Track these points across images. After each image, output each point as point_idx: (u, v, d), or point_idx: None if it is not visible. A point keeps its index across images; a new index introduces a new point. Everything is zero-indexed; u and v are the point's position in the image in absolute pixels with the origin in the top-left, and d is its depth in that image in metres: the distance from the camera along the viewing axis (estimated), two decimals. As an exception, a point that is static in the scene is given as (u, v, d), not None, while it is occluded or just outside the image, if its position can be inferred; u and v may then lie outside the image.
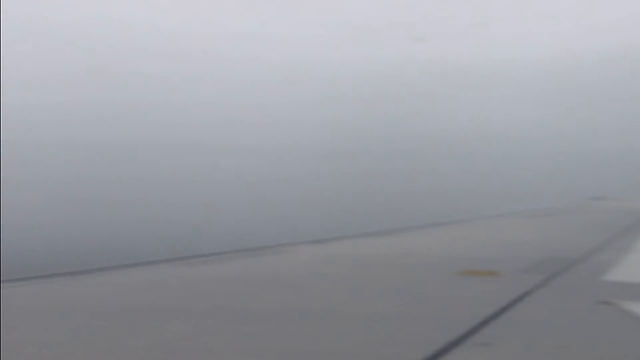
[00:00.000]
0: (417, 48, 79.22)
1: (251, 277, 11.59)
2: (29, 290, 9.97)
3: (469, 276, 11.70)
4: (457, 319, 7.96)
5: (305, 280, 11.42)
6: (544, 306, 9.11)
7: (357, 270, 12.59)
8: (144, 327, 7.42)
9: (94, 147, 65.13)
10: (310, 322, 7.79)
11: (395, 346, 6.72)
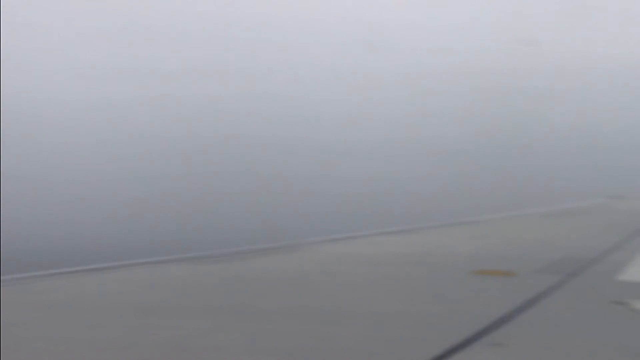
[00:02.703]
0: (527, 51, 78.15)
1: (265, 276, 11.63)
2: (42, 286, 10.04)
3: (484, 276, 11.71)
4: (471, 319, 7.97)
5: (319, 279, 11.45)
6: (558, 307, 9.12)
7: (372, 269, 12.62)
8: (158, 324, 7.46)
9: (106, 142, 65.24)
10: (323, 321, 7.83)
11: (407, 344, 6.75)
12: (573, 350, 6.70)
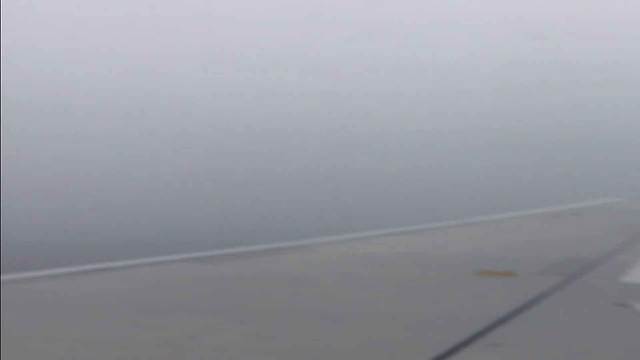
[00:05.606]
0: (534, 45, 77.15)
1: (268, 276, 11.64)
2: (42, 286, 10.05)
3: (485, 276, 11.69)
4: (470, 319, 7.97)
5: (321, 279, 11.45)
6: (559, 308, 9.10)
7: (374, 270, 12.61)
8: (159, 324, 7.46)
9: (107, 140, 65.19)
10: (323, 321, 7.82)
11: (406, 345, 6.74)
12: (573, 352, 6.69)
